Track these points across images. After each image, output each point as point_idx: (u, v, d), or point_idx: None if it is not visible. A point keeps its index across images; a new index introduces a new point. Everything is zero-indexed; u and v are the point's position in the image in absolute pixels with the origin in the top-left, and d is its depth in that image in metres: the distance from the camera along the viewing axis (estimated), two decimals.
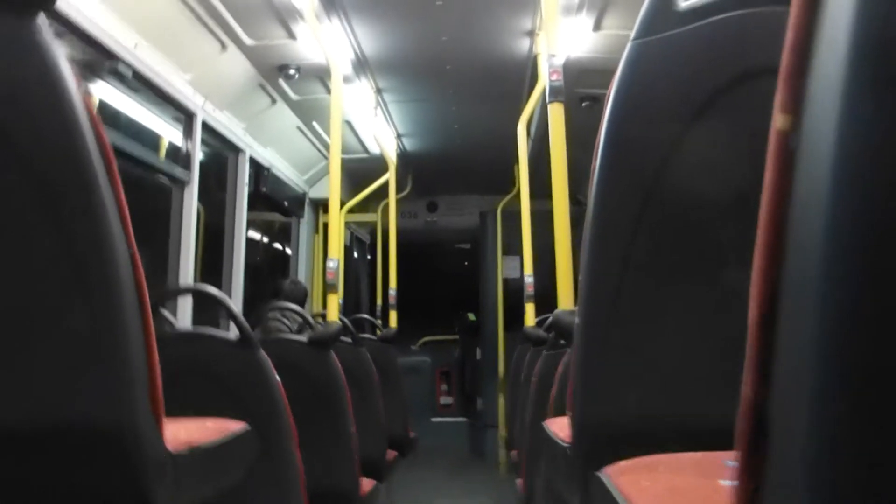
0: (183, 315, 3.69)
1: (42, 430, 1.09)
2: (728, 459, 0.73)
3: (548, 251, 4.86)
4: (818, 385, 0.30)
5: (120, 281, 1.04)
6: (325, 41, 3.31)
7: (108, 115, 3.24)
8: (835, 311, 0.30)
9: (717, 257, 1.03)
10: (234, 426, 1.51)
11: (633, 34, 1.02)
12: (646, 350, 1.04)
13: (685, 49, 1.00)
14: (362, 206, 6.34)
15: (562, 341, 2.51)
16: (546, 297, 4.12)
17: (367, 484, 3.07)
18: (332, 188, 3.02)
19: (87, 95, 1.02)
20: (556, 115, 1.98)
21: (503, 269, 6.93)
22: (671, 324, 1.04)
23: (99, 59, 2.90)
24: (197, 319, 3.81)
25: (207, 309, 4.15)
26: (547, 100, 2.00)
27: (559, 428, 1.37)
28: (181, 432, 1.31)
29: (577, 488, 1.05)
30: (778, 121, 0.34)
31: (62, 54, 0.98)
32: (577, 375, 1.09)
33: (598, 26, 3.63)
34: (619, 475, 0.73)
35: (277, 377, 2.01)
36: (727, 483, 0.65)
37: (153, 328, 1.13)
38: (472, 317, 8.54)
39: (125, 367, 1.06)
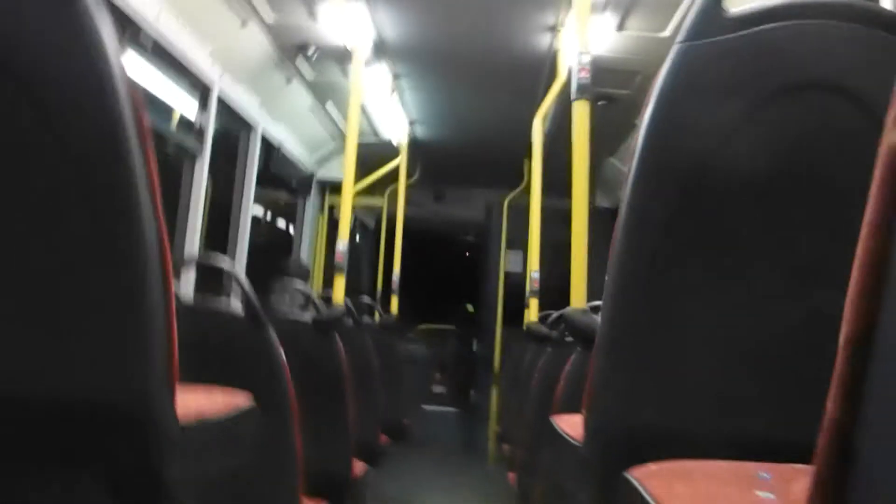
0: (186, 286, 3.69)
1: (59, 397, 1.08)
2: (761, 471, 0.73)
3: (550, 248, 4.86)
4: None
5: (146, 251, 1.03)
6: (346, 23, 3.30)
7: None
8: None
9: (751, 266, 1.03)
10: (241, 400, 1.51)
11: (679, 37, 1.01)
12: (670, 355, 1.04)
13: (732, 56, 1.00)
14: (369, 191, 6.33)
15: (568, 338, 2.51)
16: (547, 294, 4.12)
17: (359, 467, 3.08)
18: (346, 171, 3.01)
19: (123, 64, 1.01)
20: (581, 113, 1.97)
21: (506, 262, 6.93)
22: (698, 329, 1.04)
23: (121, 26, 2.89)
24: (199, 290, 3.81)
25: (209, 281, 4.15)
26: (572, 96, 1.99)
27: (569, 426, 1.37)
28: (191, 402, 1.31)
29: (591, 487, 1.05)
30: (891, 137, 0.33)
31: (106, 20, 0.97)
32: (595, 375, 1.09)
33: (621, 26, 3.63)
34: (650, 478, 0.72)
35: (283, 355, 2.01)
36: (765, 495, 0.65)
37: (174, 301, 1.12)
38: (470, 308, 8.56)
39: (146, 339, 1.05)
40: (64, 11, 0.95)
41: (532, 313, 3.84)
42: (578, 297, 1.87)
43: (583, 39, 2.06)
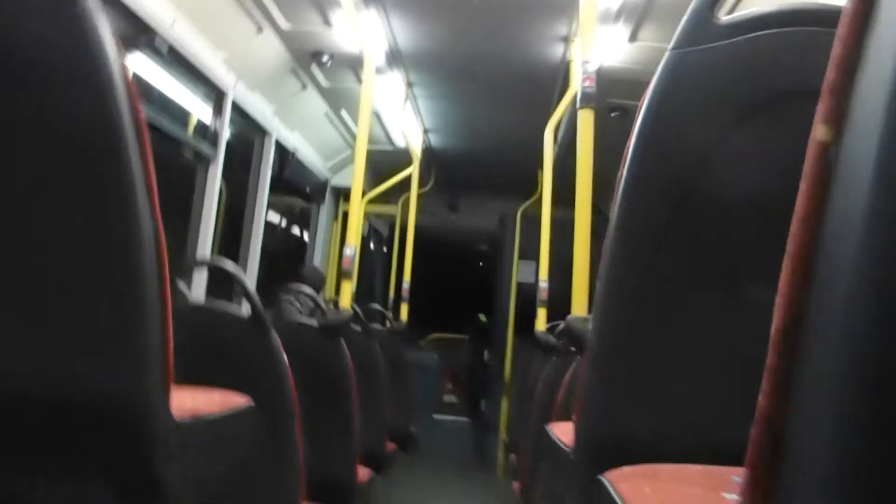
0: (197, 290, 3.72)
1: (54, 394, 1.10)
2: (735, 475, 0.73)
3: (564, 258, 4.87)
4: (840, 402, 0.30)
5: (142, 251, 1.04)
6: (360, 30, 3.33)
7: (141, 89, 3.27)
8: (861, 329, 0.30)
9: (741, 275, 1.03)
10: (239, 400, 1.52)
11: (671, 44, 1.02)
12: (658, 362, 1.04)
13: (723, 63, 1.00)
14: (383, 198, 6.35)
15: (573, 348, 2.50)
16: (559, 304, 4.11)
17: (364, 474, 3.08)
18: (355, 177, 3.03)
19: (125, 67, 1.02)
20: (586, 122, 1.97)
21: (518, 273, 6.92)
22: (687, 338, 1.04)
23: (137, 32, 2.93)
24: (210, 296, 3.84)
25: (221, 286, 4.18)
26: (577, 105, 2.00)
27: (562, 432, 1.37)
28: (187, 401, 1.32)
29: (578, 493, 1.05)
30: (819, 132, 0.34)
31: (105, 23, 0.99)
32: (586, 381, 1.09)
33: (633, 37, 3.62)
34: (621, 480, 0.73)
35: (286, 358, 2.02)
36: (731, 497, 0.65)
37: (170, 300, 1.14)
38: (483, 318, 8.54)
39: (141, 337, 1.07)
40: (64, 12, 0.97)
41: (540, 323, 3.84)
42: (579, 305, 1.87)
43: (588, 49, 2.07)
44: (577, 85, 3.73)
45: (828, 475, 0.31)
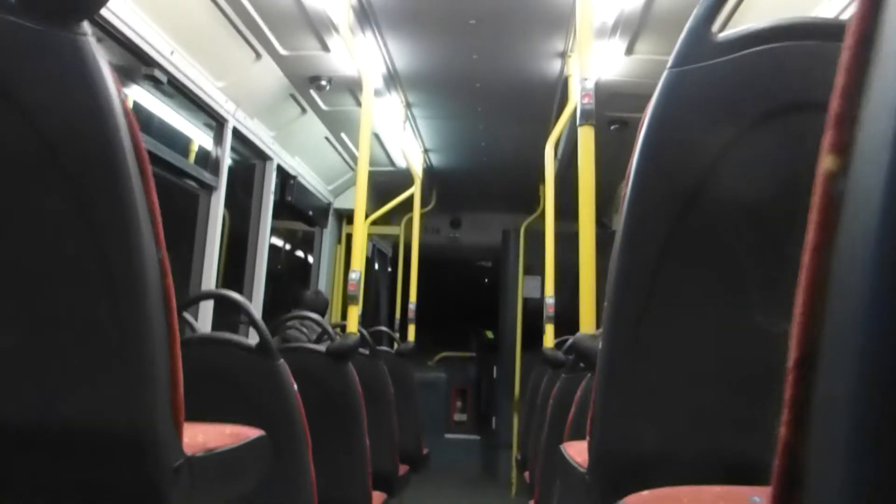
0: (204, 319, 3.71)
1: (63, 428, 1.10)
2: (753, 495, 0.72)
3: (569, 273, 4.87)
4: (854, 435, 0.30)
5: (147, 285, 1.05)
6: (357, 54, 3.34)
7: (142, 119, 3.29)
8: (875, 364, 0.29)
9: (746, 291, 1.02)
10: (250, 432, 1.52)
11: (669, 62, 1.02)
12: (668, 380, 1.03)
13: (721, 80, 1.00)
14: (386, 219, 6.35)
15: (581, 365, 2.49)
16: (565, 319, 4.10)
17: (377, 497, 3.06)
18: (357, 199, 3.04)
19: (125, 101, 1.03)
20: (586, 138, 1.98)
21: (524, 288, 6.90)
22: (695, 355, 1.03)
23: (136, 64, 2.95)
24: (217, 324, 3.84)
25: (228, 314, 4.18)
26: (577, 122, 2.00)
27: (576, 452, 1.36)
28: (199, 436, 1.32)
29: None
30: (826, 162, 0.33)
31: (104, 61, 1.00)
32: (597, 401, 1.09)
33: (630, 50, 3.64)
34: None
35: (295, 385, 2.02)
36: None
37: (178, 333, 1.14)
38: (489, 335, 8.52)
39: (148, 370, 1.07)
40: (62, 50, 0.98)
41: (548, 339, 3.82)
42: (587, 322, 1.86)
43: (585, 65, 2.07)
44: (575, 100, 3.75)
45: None
